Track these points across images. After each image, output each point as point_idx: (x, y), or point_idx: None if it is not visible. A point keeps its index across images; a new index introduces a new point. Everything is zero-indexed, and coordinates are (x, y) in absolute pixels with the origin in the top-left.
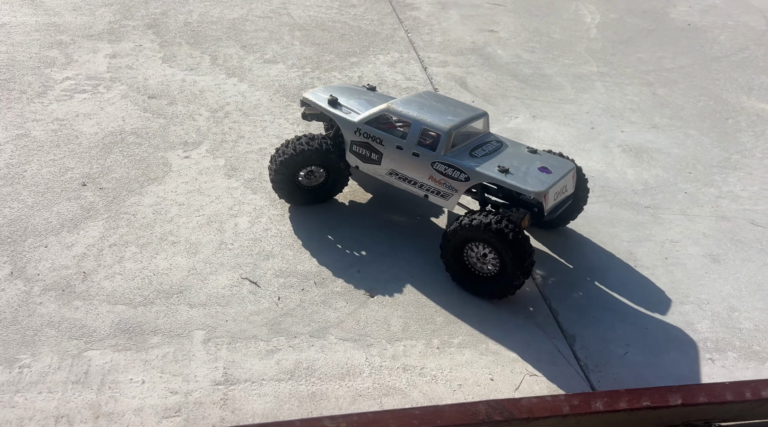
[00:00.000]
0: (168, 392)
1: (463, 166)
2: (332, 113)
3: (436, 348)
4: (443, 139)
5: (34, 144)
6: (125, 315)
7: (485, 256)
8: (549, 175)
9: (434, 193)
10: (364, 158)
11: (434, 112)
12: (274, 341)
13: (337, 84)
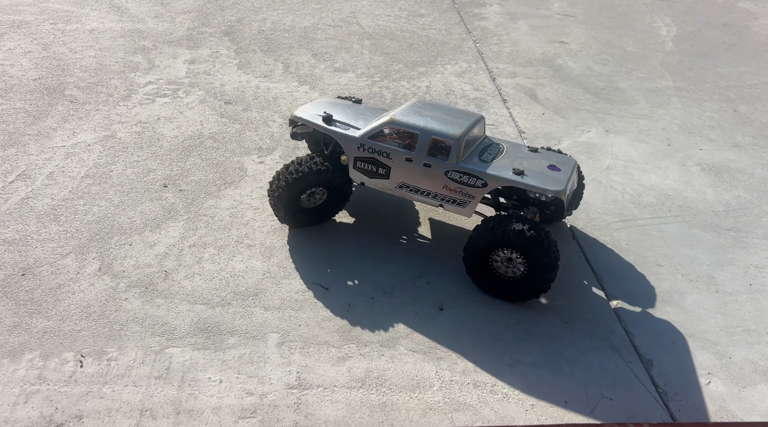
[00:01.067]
0: (244, 393)
1: (478, 172)
2: (331, 131)
3: (507, 365)
4: (455, 147)
5: (119, 145)
6: (203, 315)
7: (510, 260)
8: (560, 173)
9: (450, 202)
10: (371, 174)
11: (438, 121)
12: (345, 348)
13: (322, 100)
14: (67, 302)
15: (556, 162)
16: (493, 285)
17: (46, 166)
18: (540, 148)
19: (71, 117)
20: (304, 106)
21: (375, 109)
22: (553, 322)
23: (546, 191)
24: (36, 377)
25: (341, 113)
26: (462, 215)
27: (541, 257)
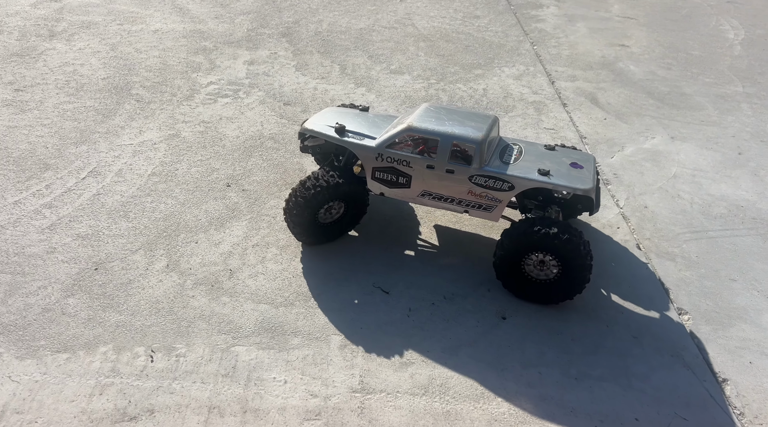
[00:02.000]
0: (308, 395)
1: (504, 175)
2: (346, 142)
3: (575, 379)
4: (477, 151)
5: (183, 144)
6: (268, 314)
7: (543, 263)
8: (584, 171)
9: (476, 208)
10: (391, 184)
11: (456, 124)
12: (407, 353)
13: (328, 109)
14: (137, 297)
15: (577, 159)
16: (525, 289)
17: (115, 163)
18: (557, 145)
19: (138, 116)
20: (312, 118)
21: (385, 116)
22: (621, 335)
23: (576, 190)
24: (110, 370)
25: (353, 123)
26: (489, 219)
27: (576, 258)
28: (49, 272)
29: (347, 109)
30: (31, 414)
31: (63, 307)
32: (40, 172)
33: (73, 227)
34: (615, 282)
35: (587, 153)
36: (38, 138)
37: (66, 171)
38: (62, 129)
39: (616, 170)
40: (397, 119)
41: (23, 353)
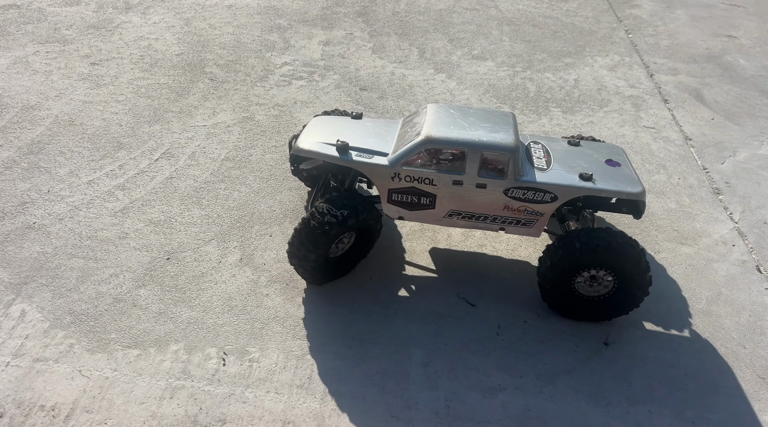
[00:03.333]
0: (389, 416)
1: (545, 185)
2: (353, 163)
3: (691, 422)
4: (512, 160)
5: (257, 128)
6: (345, 320)
7: (594, 278)
8: (623, 169)
9: (513, 224)
10: (411, 206)
11: (480, 129)
12: (496, 376)
13: (316, 120)
14: (210, 292)
15: (608, 155)
16: (575, 307)
17: (189, 145)
18: (579, 139)
19: (211, 95)
20: (304, 136)
21: (386, 123)
22: (744, 374)
23: (628, 195)
24: (181, 372)
25: (354, 137)
26: (529, 235)
27: (636, 272)
28: (121, 260)
29: (338, 117)
30: (101, 414)
31: (134, 298)
32: (114, 151)
33: (145, 211)
34: (733, 310)
35: (613, 145)
36: (113, 115)
37: (139, 151)
38: (136, 106)
39: (728, 178)
40: (400, 126)
41: (94, 346)
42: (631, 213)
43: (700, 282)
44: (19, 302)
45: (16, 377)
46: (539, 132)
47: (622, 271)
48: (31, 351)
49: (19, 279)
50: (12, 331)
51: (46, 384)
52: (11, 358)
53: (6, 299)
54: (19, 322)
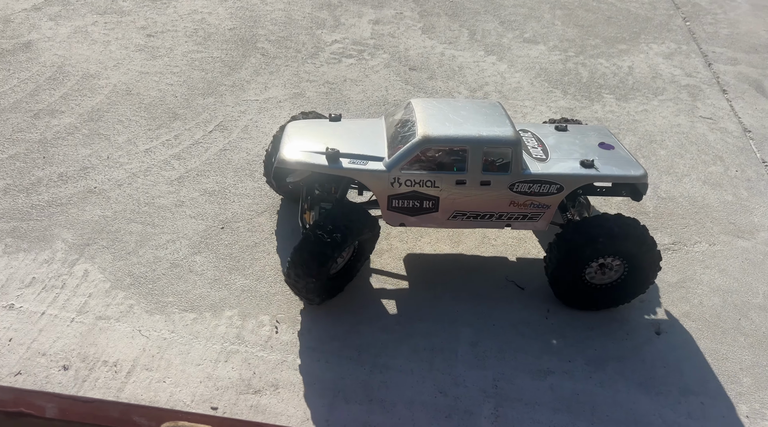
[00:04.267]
0: (437, 392)
1: (550, 176)
2: (347, 171)
3: (746, 417)
4: (515, 153)
5: (308, 105)
6: (393, 296)
7: (603, 266)
8: (618, 150)
9: (520, 219)
10: (414, 211)
11: (474, 124)
12: (545, 359)
13: (292, 126)
14: (263, 262)
15: (599, 137)
16: (592, 298)
17: (241, 119)
18: (565, 122)
19: (263, 71)
20: (286, 148)
21: (370, 124)
22: None
23: (633, 180)
24: (235, 337)
25: (339, 142)
26: (536, 229)
27: (643, 251)
28: (178, 226)
29: (316, 121)
30: (160, 373)
31: (190, 264)
32: (170, 122)
33: (200, 181)
34: None
35: (598, 126)
36: (168, 86)
37: (194, 122)
38: (190, 79)
39: None
40: (386, 125)
41: (152, 308)
42: (630, 196)
43: (757, 276)
44: (82, 262)
45: (81, 332)
46: (593, 119)
47: (629, 253)
48: (94, 309)
49: (81, 240)
50: (76, 289)
51: (108, 341)
52: (76, 314)
53: (70, 259)
54: (83, 281)
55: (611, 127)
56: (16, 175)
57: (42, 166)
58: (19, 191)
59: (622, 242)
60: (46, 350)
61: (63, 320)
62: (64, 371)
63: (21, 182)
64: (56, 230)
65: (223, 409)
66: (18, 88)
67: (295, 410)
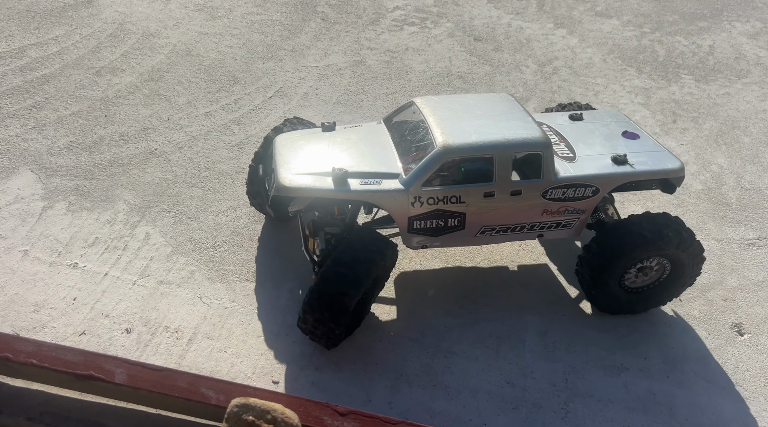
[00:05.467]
0: (504, 381)
1: (585, 178)
2: (360, 195)
3: None
4: (547, 156)
5: (369, 73)
6: (457, 277)
7: (642, 269)
8: (644, 139)
9: (552, 228)
10: (437, 230)
11: (496, 126)
12: (618, 355)
13: (282, 142)
14: None
15: (620, 126)
16: (620, 301)
17: (301, 85)
18: (577, 109)
19: (323, 36)
20: (282, 171)
21: (371, 131)
22: None
23: (671, 173)
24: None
25: (343, 158)
26: (568, 237)
27: (688, 253)
28: (238, 193)
29: (307, 133)
30: (221, 342)
31: (251, 233)
32: (229, 86)
33: None
34: None
35: (612, 111)
36: (227, 48)
37: (253, 87)
38: (250, 41)
39: None
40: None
41: (213, 276)
42: (660, 189)
43: None
44: (144, 224)
45: (142, 296)
46: (670, 101)
47: (668, 254)
48: (155, 273)
49: (143, 202)
50: (138, 252)
51: (169, 307)
52: (137, 277)
53: (132, 221)
54: (144, 244)
55: (690, 110)
56: (79, 132)
57: (104, 125)
58: (82, 149)
59: (658, 245)
60: (109, 312)
61: (125, 283)
62: (126, 334)
63: (84, 140)
64: (118, 191)
65: (284, 384)
66: (80, 44)
67: (356, 390)
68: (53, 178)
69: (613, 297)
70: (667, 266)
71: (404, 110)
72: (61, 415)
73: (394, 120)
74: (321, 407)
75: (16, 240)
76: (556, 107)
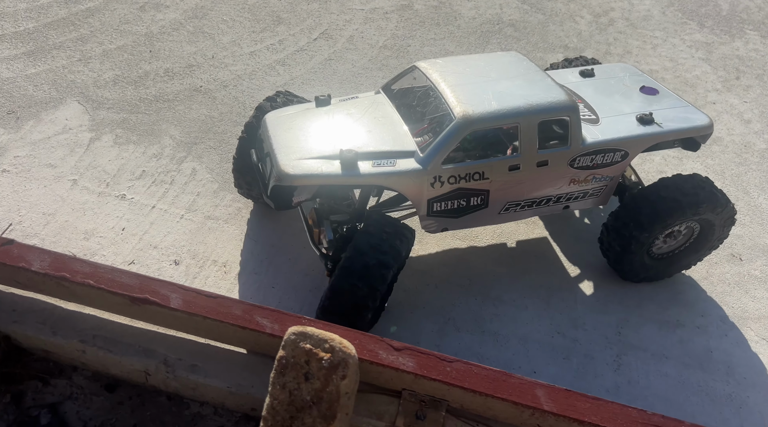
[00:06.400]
0: (554, 331)
1: (613, 142)
2: (373, 178)
3: None
4: (575, 121)
5: (416, 18)
6: (507, 228)
7: (670, 235)
8: (664, 95)
9: (579, 199)
10: (459, 211)
11: (518, 90)
12: (674, 311)
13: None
14: None
15: (635, 80)
16: (647, 268)
17: (347, 28)
18: (588, 66)
19: None
20: (282, 158)
21: (372, 103)
22: None
23: (701, 130)
24: None
25: (347, 138)
26: (595, 206)
27: (722, 216)
28: None
29: (301, 111)
30: (268, 278)
31: None
32: (274, 26)
33: (305, 90)
34: None
35: (622, 64)
36: None
37: (298, 28)
38: None
39: None
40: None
41: (260, 214)
42: (683, 147)
43: None
44: (190, 160)
45: (190, 230)
46: (732, 56)
47: (701, 218)
48: (202, 208)
49: (189, 138)
50: (185, 186)
51: (217, 241)
52: (185, 211)
53: (178, 156)
54: (191, 179)
55: (754, 67)
56: (124, 66)
57: (149, 60)
58: (127, 83)
59: (695, 209)
60: (157, 243)
61: (173, 216)
62: (175, 265)
63: (129, 74)
64: (164, 126)
65: None
66: None
67: (404, 331)
68: (100, 110)
69: (641, 265)
70: (696, 229)
71: (405, 76)
72: (112, 339)
73: (395, 88)
74: (376, 341)
75: (65, 169)
76: (562, 62)
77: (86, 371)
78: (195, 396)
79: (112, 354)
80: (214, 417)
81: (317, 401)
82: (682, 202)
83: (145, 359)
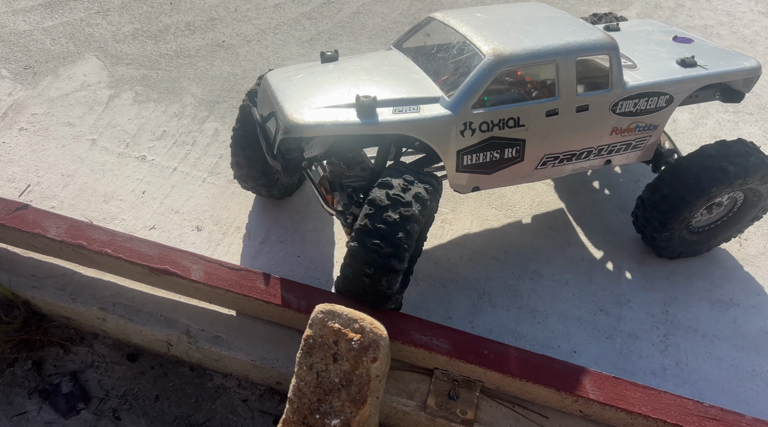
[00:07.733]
0: (597, 309)
1: (658, 85)
2: (396, 125)
3: None
4: (615, 60)
5: None
6: (545, 197)
7: (712, 206)
8: (700, 43)
9: (622, 151)
10: (492, 165)
11: (548, 31)
12: (727, 289)
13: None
14: None
15: (664, 32)
16: (685, 243)
17: None
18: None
19: None
20: (290, 106)
21: (385, 57)
22: None
23: (749, 72)
24: None
25: (363, 86)
26: (637, 160)
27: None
28: None
29: (305, 66)
30: (294, 247)
31: None
32: None
33: (332, 45)
34: None
35: (648, 20)
36: None
37: None
38: None
39: None
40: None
41: None
42: (723, 99)
43: None
44: (212, 120)
45: (213, 194)
46: None
47: (749, 188)
48: (225, 172)
49: (211, 97)
50: (207, 148)
51: (240, 207)
52: (207, 175)
53: (200, 115)
54: (213, 140)
55: None
56: (143, 19)
57: (169, 13)
58: (147, 37)
59: (744, 179)
60: (179, 208)
61: (195, 179)
62: (197, 231)
63: (149, 28)
64: (185, 83)
65: None
66: None
67: (436, 306)
68: (119, 66)
69: (679, 240)
70: (740, 199)
71: (419, 31)
72: (133, 307)
73: (408, 45)
74: (407, 320)
75: (84, 128)
76: (591, 17)
77: (107, 340)
78: (218, 368)
79: (133, 323)
80: (238, 390)
81: (346, 384)
82: (729, 172)
83: (167, 329)
